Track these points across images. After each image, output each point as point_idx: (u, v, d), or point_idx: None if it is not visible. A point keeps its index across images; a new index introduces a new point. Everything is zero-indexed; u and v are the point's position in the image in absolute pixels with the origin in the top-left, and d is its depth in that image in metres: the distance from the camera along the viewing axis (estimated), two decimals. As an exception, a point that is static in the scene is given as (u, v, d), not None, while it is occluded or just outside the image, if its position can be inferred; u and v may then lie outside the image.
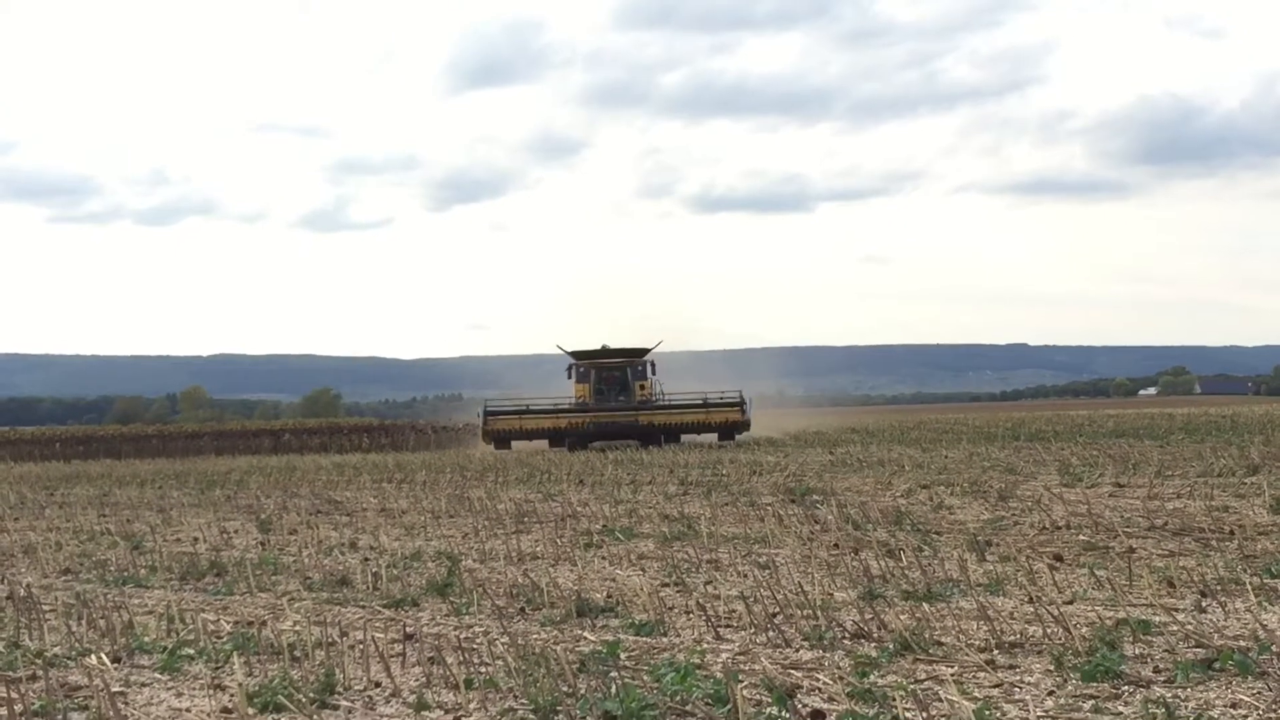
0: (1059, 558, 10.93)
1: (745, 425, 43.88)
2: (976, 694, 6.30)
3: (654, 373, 46.10)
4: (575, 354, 46.27)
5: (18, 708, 6.30)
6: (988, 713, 5.73)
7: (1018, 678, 6.66)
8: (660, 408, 44.90)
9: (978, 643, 7.49)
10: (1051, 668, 6.79)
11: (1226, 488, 16.74)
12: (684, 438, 43.85)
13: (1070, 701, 6.14)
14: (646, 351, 46.46)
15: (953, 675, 6.68)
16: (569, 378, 46.04)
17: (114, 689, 6.97)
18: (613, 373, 46.00)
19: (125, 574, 12.31)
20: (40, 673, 7.58)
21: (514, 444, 43.30)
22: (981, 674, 6.76)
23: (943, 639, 7.62)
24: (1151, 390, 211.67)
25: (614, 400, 45.26)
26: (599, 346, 46.76)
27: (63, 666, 7.94)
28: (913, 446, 32.56)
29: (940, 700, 6.14)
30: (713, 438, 44.20)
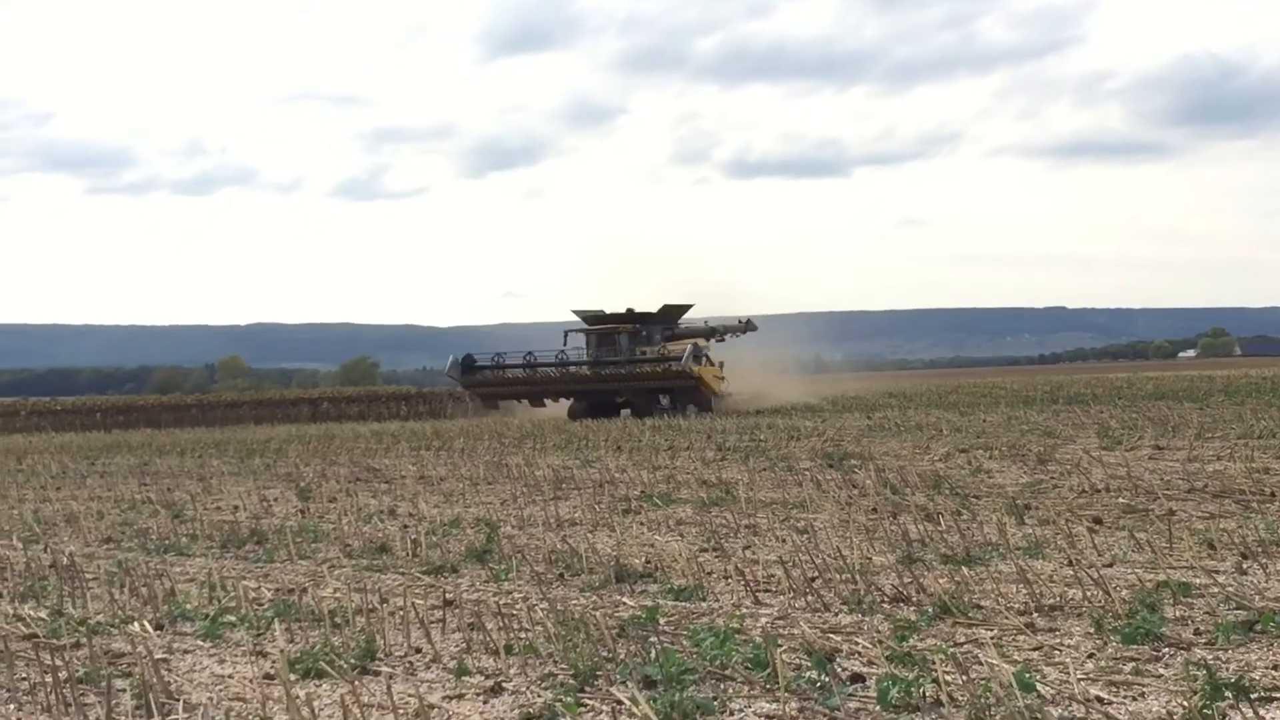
0: (1098, 520, 10.90)
1: (706, 395, 41.56)
2: (1016, 657, 6.29)
3: (663, 338, 43.40)
4: (582, 315, 44.56)
5: (63, 675, 6.34)
6: (1028, 675, 5.72)
7: (1057, 641, 6.65)
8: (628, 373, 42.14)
9: (1017, 606, 7.48)
10: (1091, 630, 6.78)
11: (1267, 450, 16.66)
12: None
13: (1110, 664, 6.13)
14: (652, 315, 43.69)
15: (992, 638, 6.68)
16: (564, 343, 44.01)
17: (157, 656, 7.01)
18: (608, 337, 43.46)
19: (166, 542, 12.39)
20: (84, 640, 7.64)
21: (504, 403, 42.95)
22: (1021, 637, 6.75)
23: (982, 602, 7.61)
24: (1191, 352, 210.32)
25: (602, 364, 42.77)
26: (625, 310, 44.16)
27: (106, 634, 7.99)
28: (951, 410, 32.48)
29: (980, 663, 6.13)
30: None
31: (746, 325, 45.30)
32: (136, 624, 7.97)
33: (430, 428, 38.95)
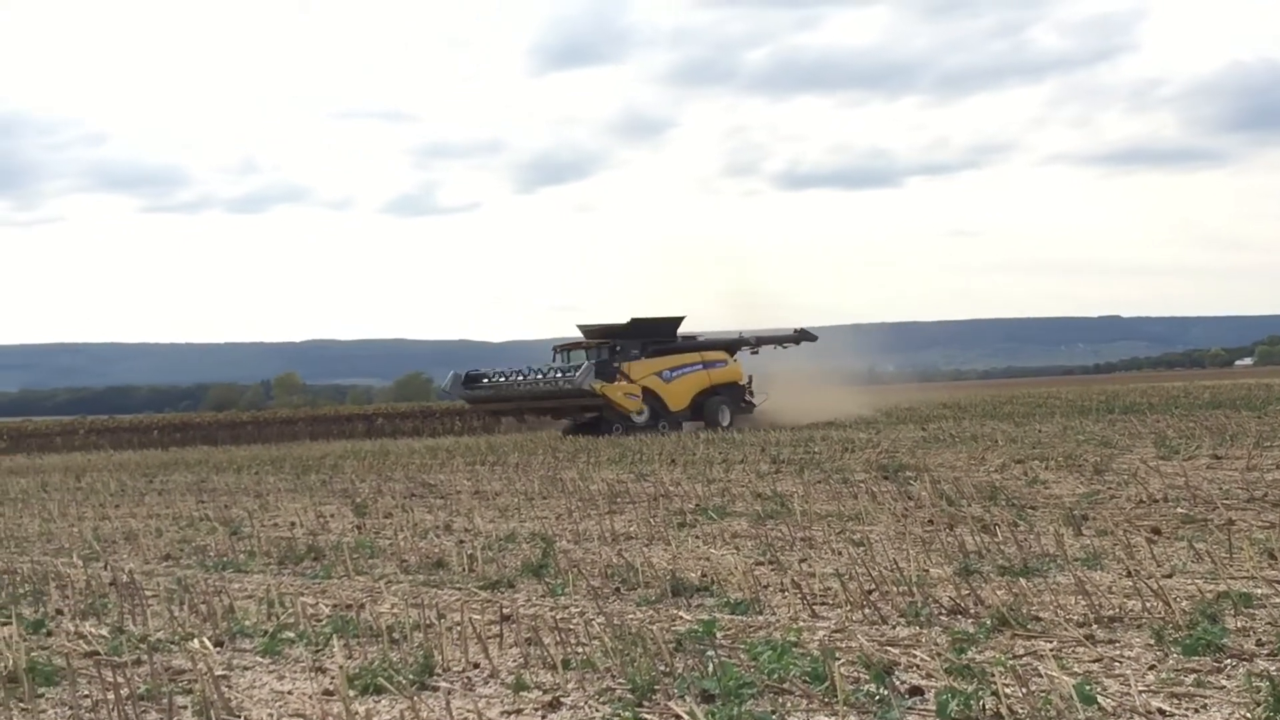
0: (1157, 531, 10.83)
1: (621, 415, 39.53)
2: (1076, 669, 6.25)
3: (649, 353, 40.51)
4: (584, 329, 42.44)
5: (124, 692, 6.39)
6: (1088, 688, 5.69)
7: (1118, 652, 6.61)
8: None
9: (1076, 617, 7.44)
10: (1152, 642, 6.73)
11: (1327, 458, 16.51)
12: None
13: (1172, 676, 6.09)
14: (625, 329, 41.21)
15: (1051, 650, 6.65)
16: (553, 359, 42.25)
17: (217, 673, 7.06)
18: (576, 352, 41.64)
19: (224, 559, 12.47)
20: (145, 657, 7.70)
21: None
22: (1081, 649, 6.71)
23: (1040, 614, 7.57)
24: (1248, 360, 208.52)
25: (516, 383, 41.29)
26: (629, 322, 41.54)
27: (166, 651, 8.05)
28: (1006, 421, 32.33)
29: (1040, 676, 6.10)
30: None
31: (800, 335, 44.25)
32: (196, 641, 8.01)
33: (484, 442, 39.04)
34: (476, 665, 7.14)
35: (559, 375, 40.11)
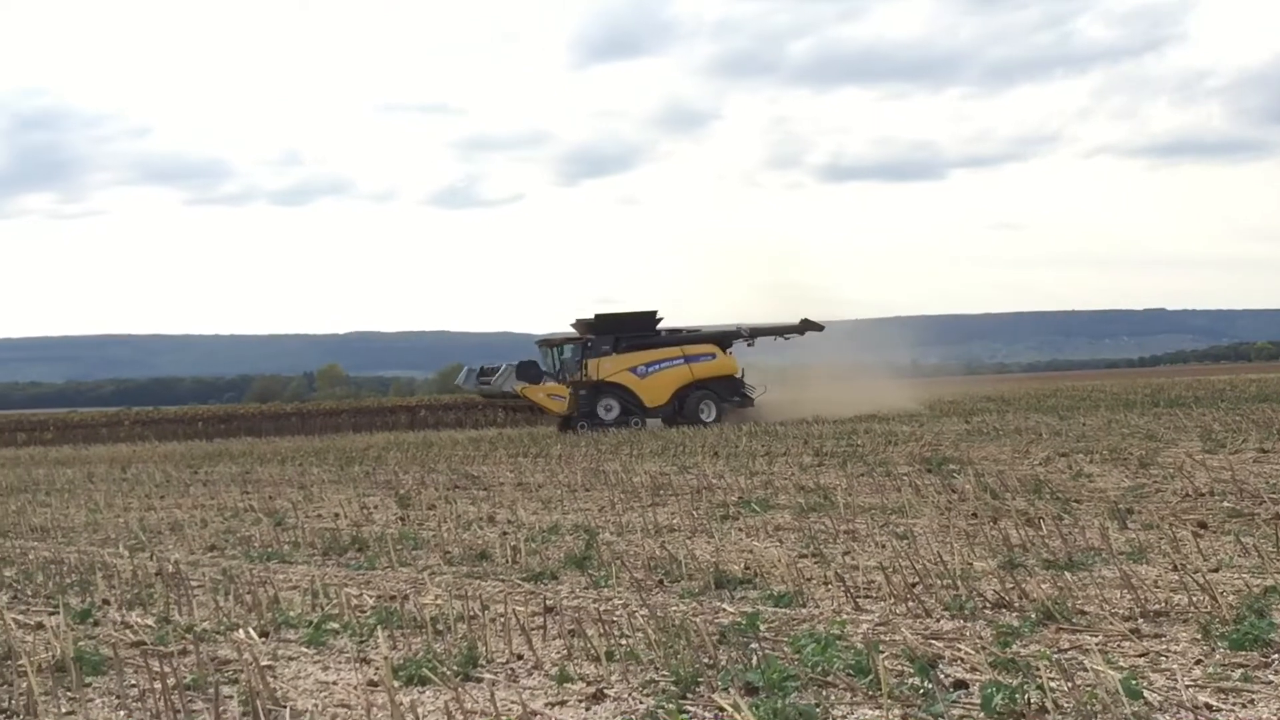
0: (1203, 525, 10.77)
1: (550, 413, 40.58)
2: (1122, 663, 6.23)
3: (622, 349, 40.39)
4: (576, 325, 42.42)
5: (171, 681, 6.42)
6: (1134, 682, 5.66)
7: (1164, 647, 6.58)
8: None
9: (1122, 612, 7.41)
10: (1198, 636, 6.70)
11: (1375, 452, 16.39)
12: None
13: (1219, 670, 6.06)
14: (594, 323, 41.23)
15: (1097, 645, 6.62)
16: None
17: (263, 663, 7.09)
18: (554, 349, 41.94)
19: (269, 550, 12.52)
20: (191, 647, 7.74)
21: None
22: (1126, 643, 6.68)
23: (1085, 608, 7.55)
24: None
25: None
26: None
27: (212, 641, 8.09)
28: (1050, 414, 32.18)
29: (1085, 670, 6.07)
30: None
31: (806, 325, 43.24)
32: (242, 631, 8.06)
33: (527, 434, 39.10)
34: (520, 657, 7.15)
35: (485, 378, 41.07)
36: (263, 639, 8.00)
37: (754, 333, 41.85)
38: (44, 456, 42.87)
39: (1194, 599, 7.46)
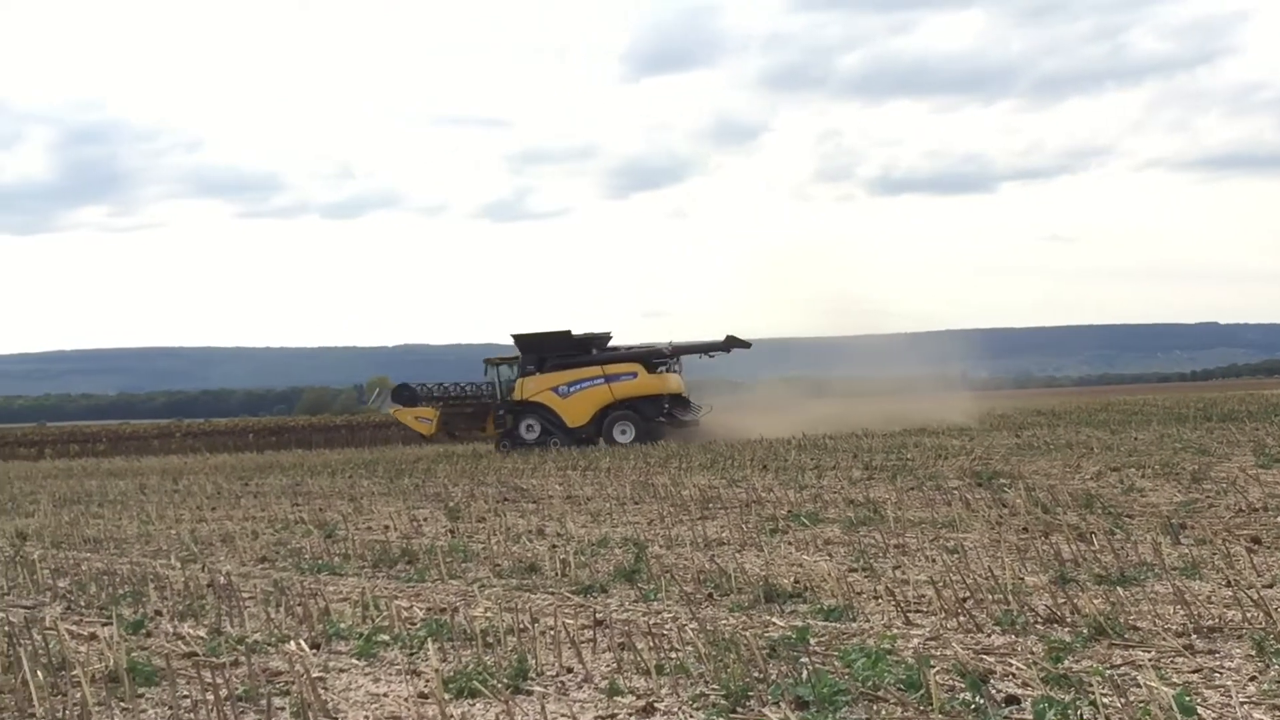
0: (1257, 540, 10.69)
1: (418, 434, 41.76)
2: (1175, 679, 6.19)
3: (546, 369, 40.08)
4: (517, 339, 42.08)
5: (223, 693, 6.46)
6: (1188, 698, 5.63)
7: (1217, 663, 6.54)
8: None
9: (1175, 627, 7.36)
10: (1253, 653, 6.65)
11: None
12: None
13: (1273, 687, 6.01)
14: (521, 341, 41.01)
15: (1150, 660, 6.58)
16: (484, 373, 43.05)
17: (314, 674, 7.12)
18: (497, 367, 42.20)
19: (320, 562, 12.57)
20: (242, 659, 7.79)
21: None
22: (1180, 659, 6.64)
23: (1138, 624, 7.50)
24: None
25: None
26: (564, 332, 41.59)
27: (263, 653, 8.13)
28: (1101, 428, 31.98)
29: (1138, 686, 6.04)
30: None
31: (731, 342, 42.21)
32: (293, 643, 8.09)
33: (575, 448, 39.14)
34: (570, 670, 7.16)
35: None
36: (314, 651, 8.04)
37: (676, 350, 41.06)
38: (96, 468, 43.16)
39: (1248, 615, 7.41)
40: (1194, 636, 7.13)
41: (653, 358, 40.24)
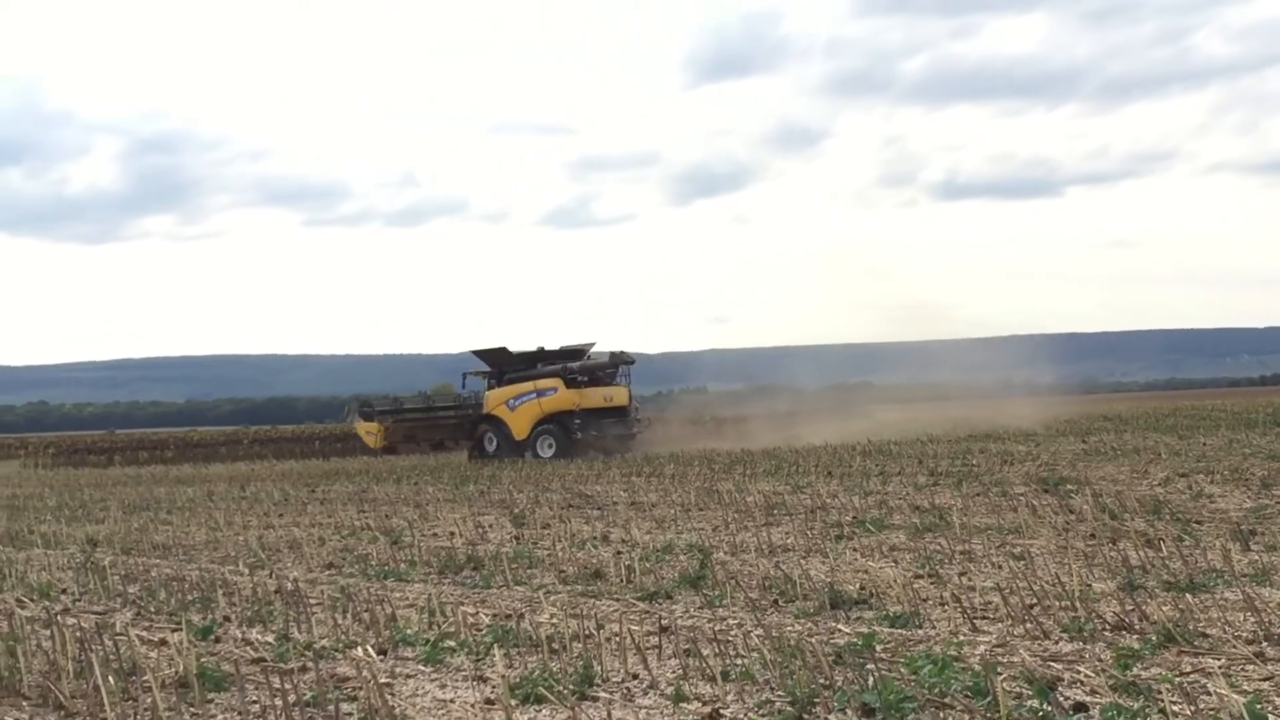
0: (1328, 547, 10.59)
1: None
2: (1246, 687, 6.14)
3: (492, 385, 41.54)
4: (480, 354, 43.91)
5: (291, 698, 6.50)
6: (1259, 706, 5.58)
7: (1289, 670, 6.48)
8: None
9: (1245, 634, 7.30)
10: (1324, 660, 6.59)
11: None
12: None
13: (1345, 695, 5.95)
14: (480, 370, 42.57)
15: (1220, 668, 6.53)
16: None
17: (381, 680, 7.16)
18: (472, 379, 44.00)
19: (386, 568, 12.63)
20: (310, 664, 7.83)
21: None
22: (1250, 667, 6.59)
23: (1208, 630, 7.44)
24: None
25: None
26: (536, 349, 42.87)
27: (331, 658, 8.18)
28: (1169, 434, 31.74)
29: (1208, 694, 6.00)
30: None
31: (616, 360, 41.92)
32: (360, 648, 8.14)
33: (640, 454, 39.15)
34: (635, 676, 7.17)
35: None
36: (380, 657, 8.08)
37: (567, 369, 41.27)
38: (165, 475, 43.48)
39: (1319, 622, 7.34)
40: (1265, 644, 7.07)
41: (565, 374, 40.81)
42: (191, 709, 6.94)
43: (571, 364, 40.97)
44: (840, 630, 8.13)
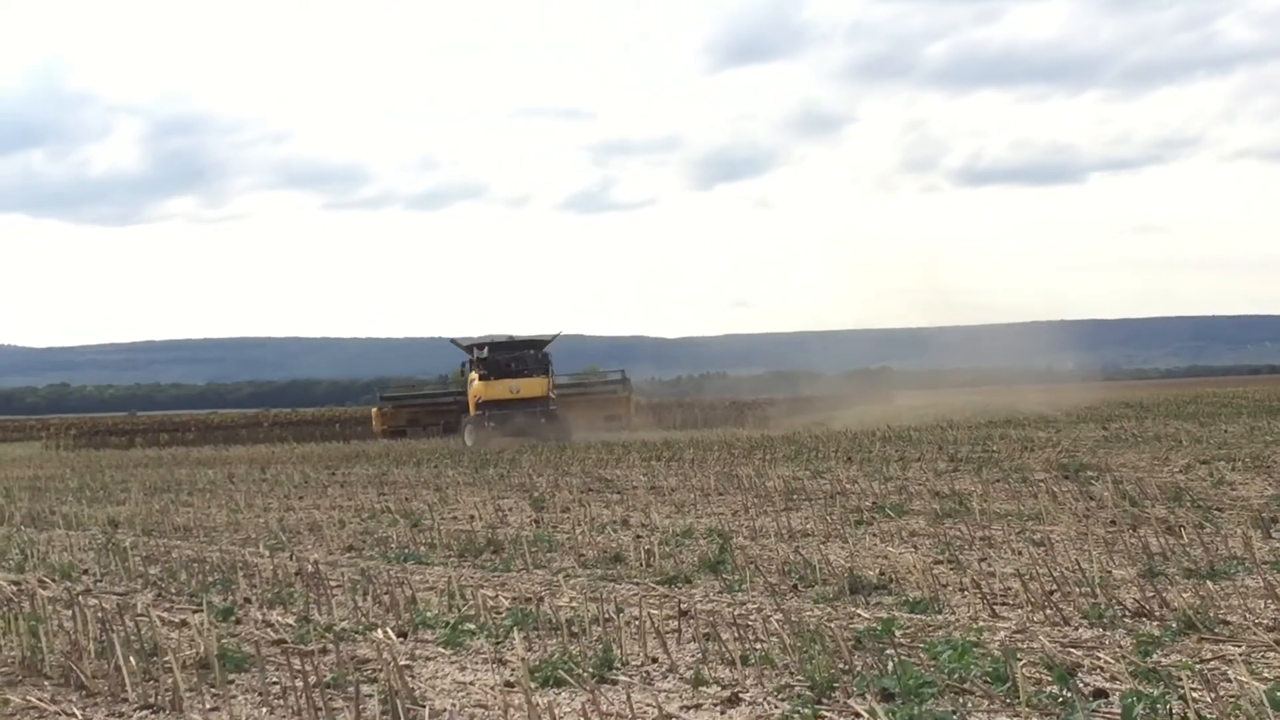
0: (1350, 534, 10.55)
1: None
2: (1266, 675, 6.12)
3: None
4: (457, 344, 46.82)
5: (311, 680, 6.52)
6: (1279, 694, 5.57)
7: (1310, 658, 6.46)
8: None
9: (1266, 622, 7.28)
10: (1346, 648, 6.57)
11: None
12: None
13: (1366, 683, 5.93)
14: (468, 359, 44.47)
15: (1241, 655, 6.51)
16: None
17: (401, 662, 7.18)
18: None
19: (406, 551, 12.65)
20: (330, 646, 7.85)
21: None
22: (1271, 654, 6.57)
23: (1228, 618, 7.43)
24: None
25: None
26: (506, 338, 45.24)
27: (351, 640, 8.20)
28: (1190, 421, 31.69)
29: (1229, 680, 5.98)
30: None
31: (530, 343, 45.07)
32: (380, 631, 8.16)
33: (660, 438, 39.15)
34: (655, 660, 7.17)
35: None
36: (401, 639, 8.10)
37: (481, 361, 43.23)
38: (186, 457, 43.62)
39: (1341, 610, 7.32)
40: (1285, 631, 7.05)
41: (481, 365, 42.74)
42: (212, 690, 6.97)
43: (484, 355, 42.77)
44: (860, 615, 8.13)
